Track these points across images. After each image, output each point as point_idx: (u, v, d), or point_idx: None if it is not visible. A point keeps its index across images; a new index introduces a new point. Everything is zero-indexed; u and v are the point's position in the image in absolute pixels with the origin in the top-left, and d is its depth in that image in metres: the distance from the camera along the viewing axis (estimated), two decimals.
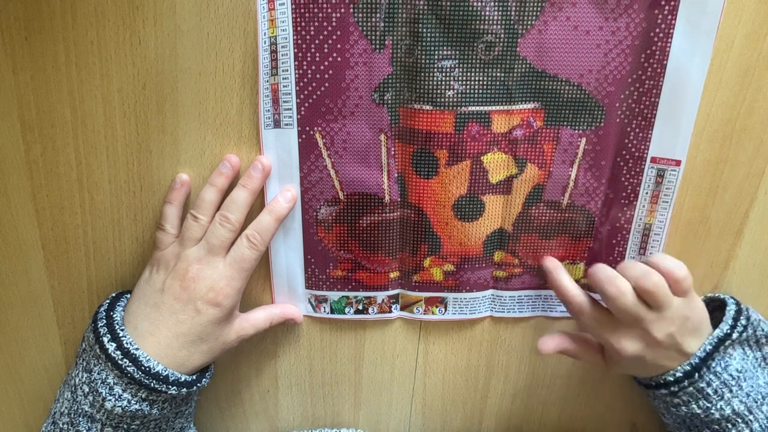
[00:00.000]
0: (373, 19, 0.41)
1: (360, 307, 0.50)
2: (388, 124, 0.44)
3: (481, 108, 0.43)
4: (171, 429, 0.46)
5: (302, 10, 0.41)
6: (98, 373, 0.41)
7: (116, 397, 0.40)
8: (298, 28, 0.41)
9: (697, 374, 0.43)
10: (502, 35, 0.41)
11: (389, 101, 0.43)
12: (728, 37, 0.41)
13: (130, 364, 0.40)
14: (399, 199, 0.46)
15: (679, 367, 0.43)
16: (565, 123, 0.44)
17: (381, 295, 0.50)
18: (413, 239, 0.48)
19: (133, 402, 0.41)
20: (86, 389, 0.41)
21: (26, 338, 0.50)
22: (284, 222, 0.46)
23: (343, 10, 0.41)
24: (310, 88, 0.43)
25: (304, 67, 0.42)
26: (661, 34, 0.40)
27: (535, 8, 0.40)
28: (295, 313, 0.49)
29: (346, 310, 0.50)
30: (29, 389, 0.52)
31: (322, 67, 0.42)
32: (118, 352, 0.40)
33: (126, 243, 0.47)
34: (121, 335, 0.41)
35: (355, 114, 0.44)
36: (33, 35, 0.41)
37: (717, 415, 0.43)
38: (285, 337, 0.52)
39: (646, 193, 0.45)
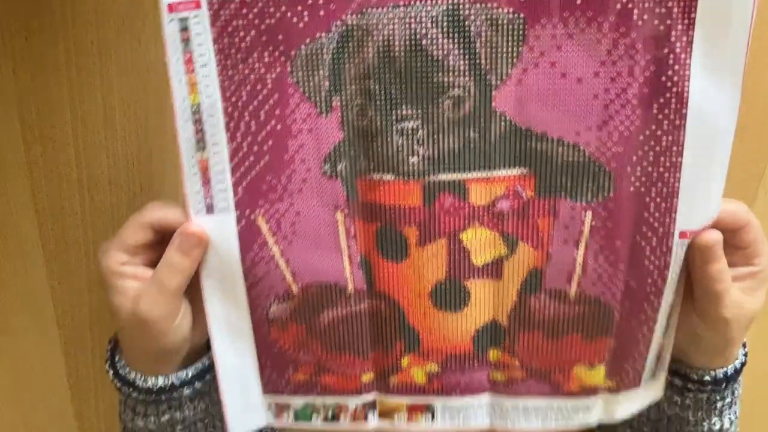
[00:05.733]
0: (316, 78, 0.34)
1: (329, 415, 0.42)
2: (345, 199, 0.36)
3: (454, 176, 0.35)
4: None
5: (230, 72, 0.34)
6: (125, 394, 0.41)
7: (141, 415, 0.40)
8: (227, 94, 0.35)
9: (725, 384, 0.39)
10: (472, 88, 0.33)
11: (343, 172, 0.36)
12: None
13: (132, 389, 0.39)
14: (365, 288, 0.38)
15: (727, 368, 0.39)
16: (562, 193, 0.34)
17: (353, 401, 0.41)
18: (386, 335, 0.39)
19: (160, 416, 0.40)
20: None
21: (26, 338, 0.51)
22: (230, 322, 0.39)
23: (279, 69, 0.34)
24: (247, 163, 0.36)
25: (239, 139, 0.35)
26: (675, 78, 0.31)
27: (510, 54, 0.32)
28: (188, 230, 0.36)
29: (313, 417, 0.42)
30: (29, 389, 0.52)
31: (259, 138, 0.35)
32: (117, 381, 0.39)
33: None
34: (116, 360, 0.40)
35: (304, 190, 0.36)
36: (33, 35, 0.41)
37: (706, 428, 0.41)
38: None
39: (674, 276, 0.35)
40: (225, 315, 0.39)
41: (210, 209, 0.37)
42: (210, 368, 0.41)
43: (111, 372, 0.40)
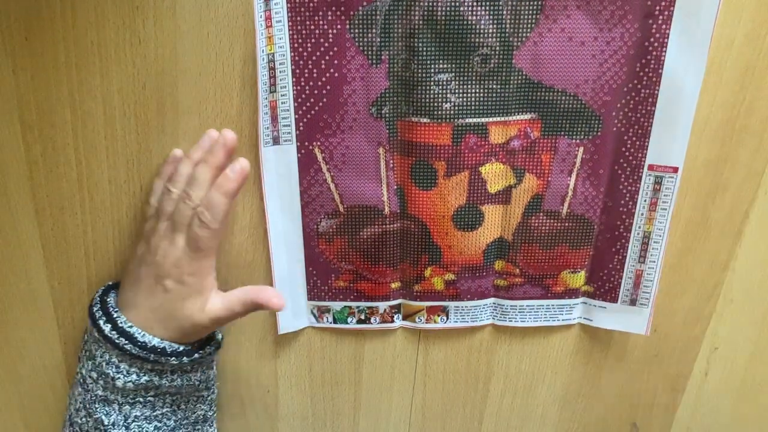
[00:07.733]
0: (370, 35, 0.41)
1: (362, 317, 0.50)
2: (387, 137, 0.44)
3: (479, 120, 0.43)
4: (192, 412, 0.46)
5: (299, 27, 0.41)
6: (101, 356, 0.42)
7: (124, 373, 0.42)
8: (295, 45, 0.42)
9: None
10: (498, 48, 0.41)
11: (387, 115, 0.44)
12: (728, 37, 0.41)
13: (127, 342, 0.41)
14: (399, 211, 0.47)
15: None
16: (562, 133, 0.44)
17: (383, 305, 0.50)
18: (414, 250, 0.48)
19: (141, 374, 0.42)
20: (95, 375, 0.42)
21: (26, 338, 0.50)
22: (286, 235, 0.47)
23: (339, 26, 0.41)
24: (308, 104, 0.43)
25: (302, 84, 0.43)
26: (655, 44, 0.40)
27: (529, 21, 0.40)
28: (271, 299, 0.43)
29: (349, 319, 0.51)
30: (29, 389, 0.52)
31: (319, 83, 0.43)
32: (114, 332, 0.41)
33: (126, 243, 0.47)
34: (115, 316, 0.42)
35: (354, 128, 0.44)
36: (33, 35, 0.41)
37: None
38: (285, 337, 0.52)
39: (645, 201, 0.45)
40: (283, 230, 0.47)
41: (276, 140, 0.44)
42: (194, 352, 0.43)
43: (109, 326, 0.41)
